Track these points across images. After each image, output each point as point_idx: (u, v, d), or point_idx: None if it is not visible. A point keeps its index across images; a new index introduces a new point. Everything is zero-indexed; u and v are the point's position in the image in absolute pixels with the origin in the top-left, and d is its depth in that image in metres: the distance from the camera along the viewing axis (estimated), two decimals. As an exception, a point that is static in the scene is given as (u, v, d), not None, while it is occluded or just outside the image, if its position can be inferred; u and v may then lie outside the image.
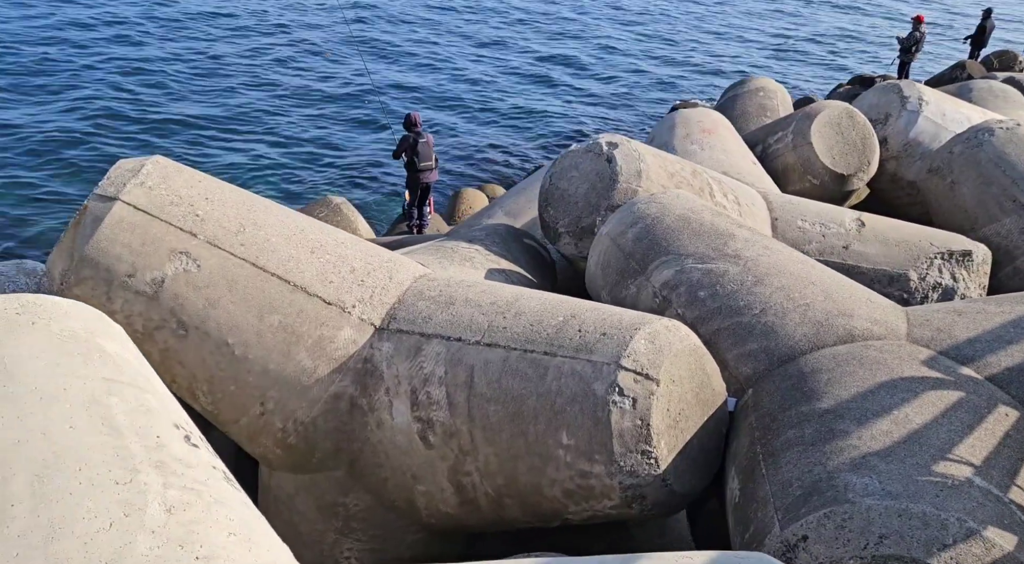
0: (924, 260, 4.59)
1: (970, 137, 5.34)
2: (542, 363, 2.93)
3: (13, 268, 3.38)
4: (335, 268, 3.37)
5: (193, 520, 1.74)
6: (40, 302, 2.20)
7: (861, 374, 2.66)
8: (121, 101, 13.97)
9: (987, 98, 7.93)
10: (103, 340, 2.26)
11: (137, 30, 17.83)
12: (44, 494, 1.64)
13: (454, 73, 17.78)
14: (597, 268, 3.96)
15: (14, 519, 1.58)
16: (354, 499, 3.48)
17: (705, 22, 25.67)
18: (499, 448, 3.00)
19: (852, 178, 6.22)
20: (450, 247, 4.45)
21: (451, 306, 3.30)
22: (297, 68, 16.91)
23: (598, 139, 4.61)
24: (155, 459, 1.86)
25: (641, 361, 2.77)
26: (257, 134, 13.39)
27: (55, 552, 1.54)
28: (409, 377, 3.19)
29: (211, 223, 3.20)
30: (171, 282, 3.08)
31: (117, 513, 1.66)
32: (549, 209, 4.72)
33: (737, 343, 3.24)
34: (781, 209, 5.00)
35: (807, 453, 2.33)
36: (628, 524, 3.62)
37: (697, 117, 6.35)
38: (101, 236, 3.01)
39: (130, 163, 3.23)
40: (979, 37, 18.50)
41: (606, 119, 15.96)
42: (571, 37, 22.08)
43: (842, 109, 6.30)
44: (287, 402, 3.27)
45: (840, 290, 3.30)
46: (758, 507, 2.34)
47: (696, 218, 3.74)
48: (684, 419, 2.86)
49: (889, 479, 2.05)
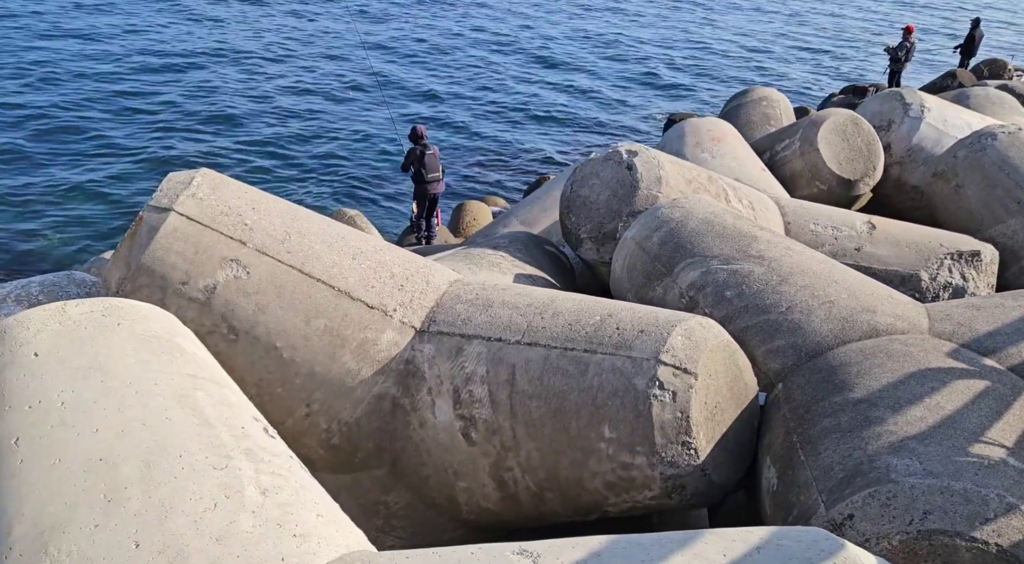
0: (935, 261, 4.74)
1: (973, 141, 5.52)
2: (583, 360, 3.06)
3: (64, 279, 3.49)
4: (376, 274, 3.50)
5: (286, 502, 1.86)
6: (122, 305, 2.32)
7: (890, 366, 2.80)
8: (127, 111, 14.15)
9: (985, 104, 8.14)
10: (181, 340, 2.38)
11: (139, 38, 18.02)
12: (152, 478, 1.76)
13: (451, 88, 17.98)
14: (623, 271, 4.10)
15: (129, 500, 1.70)
16: (395, 497, 3.59)
17: (692, 33, 26.00)
18: (541, 443, 3.12)
19: (858, 183, 6.40)
20: (476, 254, 4.59)
21: (489, 308, 3.43)
22: (304, 82, 17.11)
23: (618, 147, 4.77)
24: (244, 447, 1.98)
25: (679, 356, 2.91)
26: (263, 147, 13.54)
27: (170, 528, 1.66)
28: (451, 377, 3.31)
29: (259, 232, 3.32)
30: (223, 289, 3.20)
31: (219, 495, 1.78)
32: (571, 216, 4.87)
33: (765, 340, 3.38)
34: (793, 213, 5.16)
35: (845, 439, 2.46)
36: (651, 518, 3.74)
37: (707, 126, 6.53)
38: (157, 246, 3.13)
39: (181, 176, 3.35)
40: (968, 46, 18.84)
41: (599, 132, 16.16)
42: (561, 53, 22.37)
43: (847, 116, 6.49)
44: (332, 403, 3.38)
45: (862, 288, 3.44)
46: (800, 491, 2.47)
47: (719, 221, 3.89)
48: (720, 412, 2.99)
49: (929, 460, 2.18)
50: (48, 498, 1.69)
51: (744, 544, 1.81)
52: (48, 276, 3.61)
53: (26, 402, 1.92)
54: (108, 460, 1.78)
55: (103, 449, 1.81)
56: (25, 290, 3.39)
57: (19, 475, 1.75)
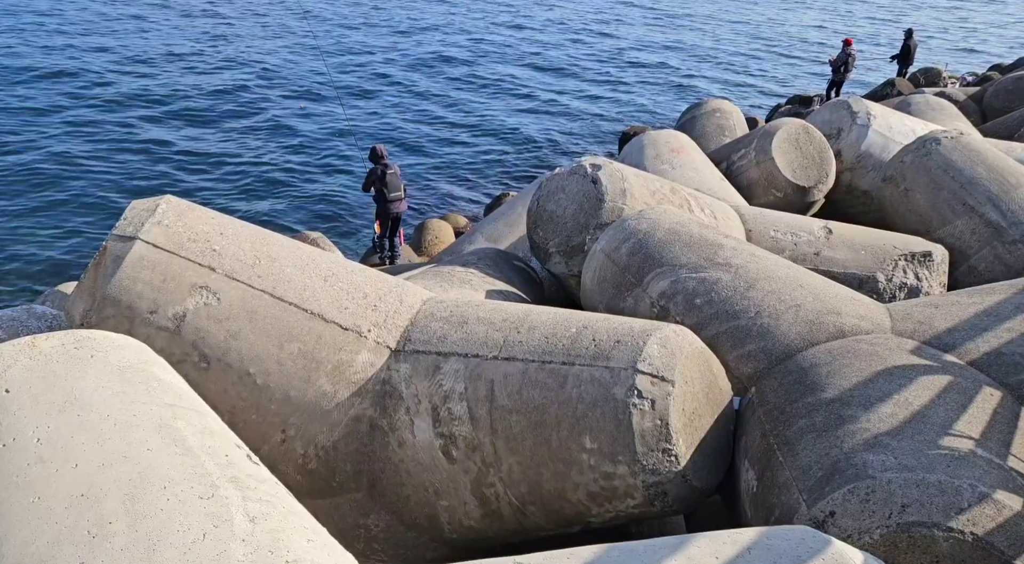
0: (889, 262, 4.91)
1: (919, 147, 5.75)
2: (561, 372, 3.08)
3: (23, 313, 3.39)
4: (349, 295, 3.48)
5: (275, 528, 1.83)
6: (93, 336, 2.27)
7: (858, 365, 2.88)
8: (83, 136, 13.81)
9: (925, 111, 8.48)
10: (156, 369, 2.33)
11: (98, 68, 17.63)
12: (138, 511, 1.72)
13: (407, 107, 18.01)
14: (593, 283, 4.14)
15: (115, 535, 1.66)
16: (375, 520, 3.55)
17: (635, 47, 26.55)
18: (523, 457, 3.12)
19: (812, 190, 6.59)
20: (446, 271, 4.59)
21: (465, 325, 3.43)
22: (262, 104, 16.93)
23: (582, 162, 4.84)
24: (229, 475, 1.95)
25: (656, 364, 2.95)
26: (220, 169, 13.33)
27: (159, 562, 1.62)
28: (429, 395, 3.30)
29: (228, 257, 3.28)
30: (192, 316, 3.15)
31: (207, 525, 1.75)
32: (538, 230, 4.91)
33: (736, 345, 3.45)
34: (754, 221, 5.29)
35: (821, 438, 2.52)
36: (630, 528, 3.76)
37: (665, 138, 6.67)
38: (123, 275, 3.06)
39: (144, 203, 3.29)
40: (905, 56, 19.63)
41: (554, 149, 16.34)
42: (514, 64, 22.61)
43: (799, 126, 6.70)
44: (308, 428, 3.34)
45: (826, 291, 3.55)
46: (780, 492, 2.52)
47: (685, 231, 3.97)
48: (698, 418, 3.04)
49: (903, 454, 2.25)
50: (29, 537, 1.64)
51: (734, 545, 1.85)
52: (6, 311, 3.50)
53: (0, 440, 1.86)
54: (90, 495, 1.74)
55: (84, 484, 1.76)
56: (-17, 325, 3.28)
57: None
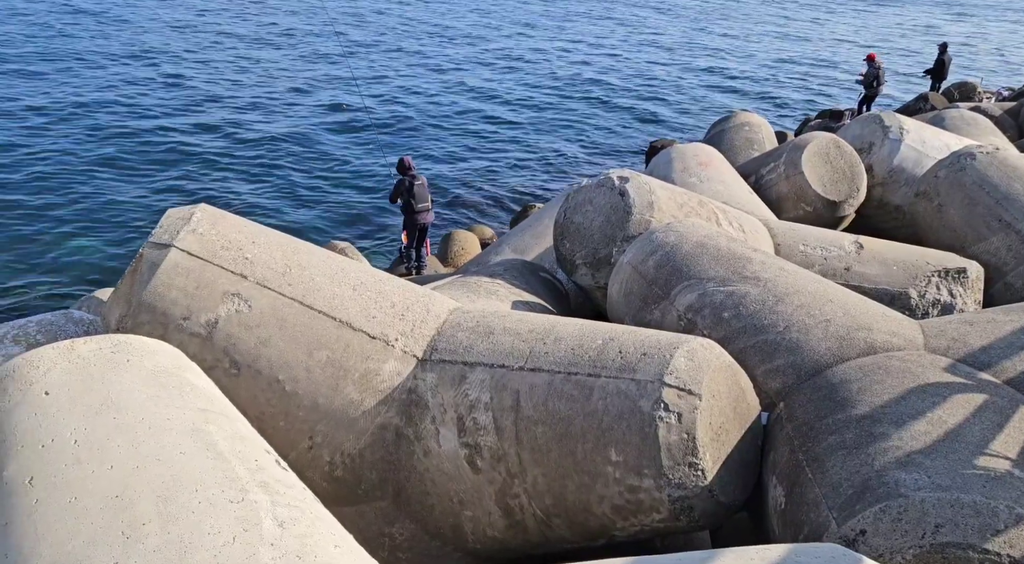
0: (922, 278, 4.83)
1: (953, 162, 5.66)
2: (587, 384, 3.07)
3: (61, 318, 3.47)
4: (376, 304, 3.51)
5: (303, 534, 1.85)
6: (130, 341, 2.32)
7: (890, 382, 2.84)
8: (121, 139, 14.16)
9: (960, 125, 8.35)
10: (189, 374, 2.38)
11: (133, 75, 18.07)
12: (170, 513, 1.75)
13: (435, 120, 18.16)
14: (620, 296, 4.14)
15: (147, 536, 1.69)
16: (399, 529, 3.56)
17: (665, 62, 26.51)
18: (547, 468, 3.12)
19: (843, 204, 6.52)
20: (473, 282, 4.61)
21: (491, 335, 3.45)
22: (291, 114, 17.21)
23: (609, 174, 4.84)
24: (259, 480, 1.98)
25: (683, 378, 2.93)
26: (251, 179, 13.56)
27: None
28: (455, 405, 3.31)
29: (260, 265, 3.33)
30: (224, 323, 3.20)
31: (237, 528, 1.77)
32: (565, 242, 4.92)
33: (764, 360, 3.41)
34: (783, 235, 5.24)
35: (852, 456, 2.48)
36: (655, 542, 3.73)
37: (692, 151, 6.65)
38: (158, 282, 3.13)
39: (180, 211, 3.37)
40: (939, 70, 19.36)
41: (581, 161, 16.36)
42: (544, 77, 22.72)
43: (829, 140, 6.63)
44: (335, 435, 3.37)
45: (857, 306, 3.50)
46: (809, 509, 2.49)
47: (713, 244, 3.95)
48: (725, 432, 3.01)
49: (936, 473, 2.21)
50: (66, 537, 1.68)
51: (762, 562, 1.82)
52: (45, 315, 3.59)
53: (38, 441, 1.91)
54: (124, 497, 1.77)
55: (119, 486, 1.80)
56: (23, 330, 3.37)
57: (35, 514, 1.74)
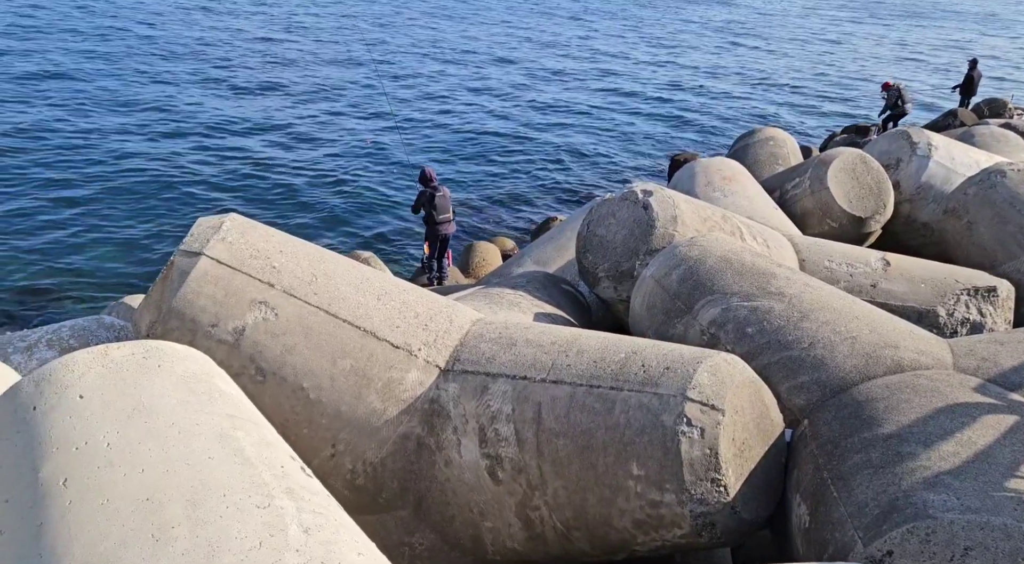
0: (951, 296, 4.76)
1: (983, 179, 5.59)
2: (609, 397, 3.07)
3: (94, 323, 3.54)
4: (400, 314, 3.54)
5: (328, 540, 1.87)
6: (161, 347, 2.36)
7: (917, 401, 2.80)
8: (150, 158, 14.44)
9: (990, 142, 8.25)
10: (218, 380, 2.41)
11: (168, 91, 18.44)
12: (198, 517, 1.78)
13: (453, 131, 18.30)
14: (642, 309, 4.13)
15: (176, 539, 1.72)
16: (420, 538, 3.57)
17: (691, 76, 26.48)
18: (568, 481, 3.11)
19: (869, 220, 6.46)
20: (495, 293, 4.63)
21: (513, 347, 3.46)
22: (314, 122, 17.45)
23: (633, 187, 4.85)
24: (285, 486, 2.00)
25: (706, 392, 2.92)
26: (273, 189, 13.75)
27: (218, 569, 1.67)
28: (476, 415, 3.32)
29: (286, 274, 3.38)
30: (251, 330, 3.25)
31: (264, 534, 1.79)
32: (588, 255, 4.92)
33: (788, 376, 3.39)
34: (807, 251, 5.20)
35: (878, 475, 2.45)
36: (675, 558, 3.70)
37: (716, 166, 6.63)
38: (187, 289, 3.19)
39: (210, 220, 3.43)
40: (968, 86, 19.11)
41: (602, 174, 16.37)
42: (569, 89, 22.80)
43: (856, 155, 6.58)
44: (357, 443, 3.39)
45: (884, 323, 3.47)
46: (834, 528, 2.46)
47: (737, 258, 3.93)
48: (748, 449, 2.99)
49: (965, 495, 2.18)
50: (98, 538, 1.71)
51: (787, 581, 1.81)
52: (78, 320, 3.67)
53: (73, 443, 1.95)
54: (155, 499, 1.81)
55: (149, 489, 1.83)
56: (56, 335, 3.44)
57: (68, 515, 1.77)
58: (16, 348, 3.48)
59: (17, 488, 1.90)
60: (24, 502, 1.87)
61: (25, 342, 3.48)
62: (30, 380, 2.14)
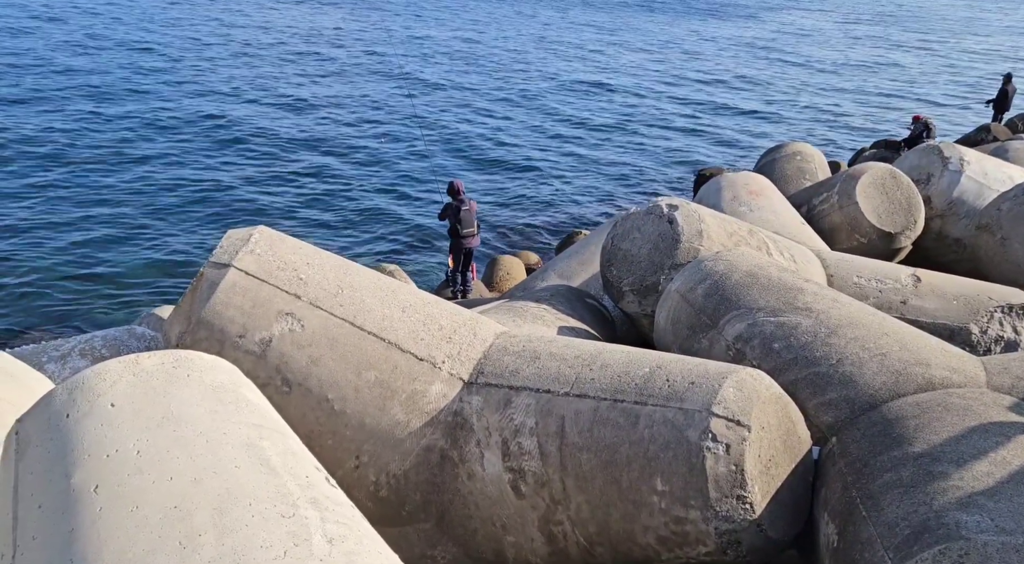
0: (984, 314, 4.67)
1: (1018, 195, 5.49)
2: (633, 412, 3.05)
3: (125, 333, 3.61)
4: (425, 326, 3.56)
5: (351, 551, 1.88)
6: (190, 357, 2.40)
7: (950, 419, 2.75)
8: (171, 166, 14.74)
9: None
10: (245, 391, 2.44)
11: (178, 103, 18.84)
12: (225, 526, 1.80)
13: (481, 145, 18.42)
14: (667, 323, 4.10)
15: (203, 547, 1.74)
16: (442, 551, 3.56)
17: (714, 89, 26.38)
18: (591, 496, 3.09)
19: (899, 236, 6.36)
20: (519, 307, 4.64)
21: (537, 360, 3.46)
22: (340, 136, 17.69)
23: (658, 202, 4.84)
24: (309, 496, 2.02)
25: (732, 408, 2.89)
26: (297, 200, 13.93)
27: (244, 577, 1.68)
28: (500, 429, 3.32)
29: (313, 286, 3.42)
30: (278, 341, 3.29)
31: (288, 543, 1.81)
32: (612, 269, 4.91)
33: (816, 393, 3.34)
34: (836, 266, 5.14)
35: (909, 494, 2.40)
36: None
37: (743, 180, 6.59)
38: (216, 300, 3.24)
39: (239, 233, 3.49)
40: (1001, 101, 18.82)
41: (630, 188, 16.34)
42: (595, 103, 22.85)
43: (885, 170, 6.50)
44: (381, 455, 3.40)
45: (914, 340, 3.41)
46: (863, 548, 2.41)
47: (763, 273, 3.90)
48: (775, 465, 2.95)
49: (1000, 516, 2.13)
50: (127, 545, 1.73)
51: (814, 601, 1.77)
52: (109, 331, 3.75)
53: (104, 451, 1.98)
54: (182, 508, 1.83)
55: (177, 497, 1.86)
56: (89, 344, 3.52)
57: (99, 522, 1.80)
58: (50, 357, 3.57)
59: (50, 494, 1.94)
60: (56, 508, 1.90)
61: (59, 352, 3.57)
62: (63, 388, 2.19)
